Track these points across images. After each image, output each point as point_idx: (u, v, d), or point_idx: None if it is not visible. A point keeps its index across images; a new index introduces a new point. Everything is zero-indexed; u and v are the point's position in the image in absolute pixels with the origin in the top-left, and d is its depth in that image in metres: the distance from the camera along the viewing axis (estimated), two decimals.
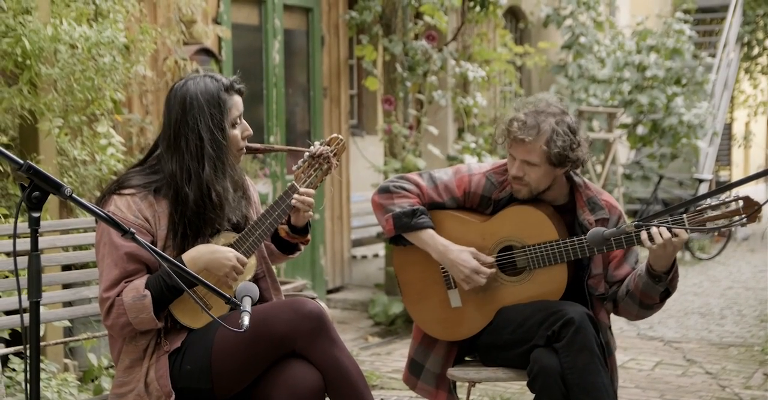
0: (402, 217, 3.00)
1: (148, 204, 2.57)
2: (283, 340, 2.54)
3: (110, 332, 2.62)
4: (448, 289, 3.09)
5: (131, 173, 2.64)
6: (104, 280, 2.54)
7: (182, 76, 5.06)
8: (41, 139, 4.09)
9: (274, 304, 2.67)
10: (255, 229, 2.65)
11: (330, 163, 2.68)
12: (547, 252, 2.95)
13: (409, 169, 6.29)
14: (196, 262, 2.55)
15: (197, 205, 2.56)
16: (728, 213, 2.73)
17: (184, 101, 2.58)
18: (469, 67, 7.10)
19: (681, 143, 10.33)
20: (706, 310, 7.08)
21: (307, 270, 6.66)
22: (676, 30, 10.53)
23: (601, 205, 3.04)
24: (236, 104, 2.64)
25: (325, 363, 2.56)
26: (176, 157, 2.58)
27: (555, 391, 2.81)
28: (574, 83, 9.98)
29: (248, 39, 6.24)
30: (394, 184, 3.07)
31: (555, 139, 2.88)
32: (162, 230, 2.58)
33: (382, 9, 6.66)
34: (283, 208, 2.65)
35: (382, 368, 5.16)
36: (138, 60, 4.37)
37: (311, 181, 2.68)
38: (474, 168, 3.10)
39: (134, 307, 2.50)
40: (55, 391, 3.64)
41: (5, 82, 4.05)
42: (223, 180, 2.60)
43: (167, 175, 2.58)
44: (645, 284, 2.89)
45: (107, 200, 2.58)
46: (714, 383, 4.88)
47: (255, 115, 6.21)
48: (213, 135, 2.57)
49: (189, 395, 2.59)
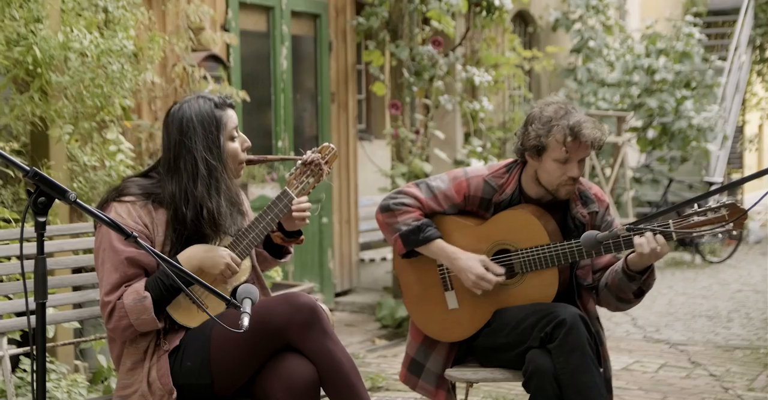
0: (409, 235, 3.09)
1: (146, 212, 2.67)
2: (278, 332, 2.62)
3: (112, 335, 2.69)
4: (445, 291, 3.17)
5: (131, 182, 2.73)
6: (105, 284, 2.62)
7: (191, 83, 5.19)
8: (52, 146, 4.18)
9: (270, 298, 2.75)
10: (248, 232, 2.74)
11: (321, 170, 2.77)
12: (538, 256, 3.02)
13: (416, 173, 6.36)
14: (190, 261, 2.64)
15: (193, 223, 2.66)
16: (714, 219, 2.77)
17: (181, 124, 2.68)
18: (475, 72, 7.15)
19: (691, 146, 10.35)
20: (714, 313, 7.10)
21: (315, 273, 6.73)
22: (685, 33, 10.56)
23: (593, 198, 3.13)
24: (231, 117, 2.74)
25: (318, 355, 2.63)
26: (176, 179, 2.68)
27: (549, 391, 2.87)
28: (583, 87, 10.02)
29: (256, 45, 6.32)
30: (393, 201, 3.14)
31: (597, 125, 3.01)
32: (159, 237, 2.67)
33: (389, 15, 6.73)
34: (276, 212, 2.74)
35: (388, 370, 5.22)
36: (146, 67, 4.45)
37: (303, 188, 2.77)
38: (470, 172, 3.16)
39: (135, 309, 2.57)
40: (65, 391, 3.73)
41: (17, 90, 4.14)
42: (216, 197, 2.68)
43: (167, 196, 2.68)
44: (620, 280, 2.97)
45: (107, 206, 2.67)
46: (717, 386, 4.91)
47: (263, 121, 6.29)
48: (208, 154, 2.67)
49: (190, 392, 2.66)
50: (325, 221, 6.86)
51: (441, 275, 3.17)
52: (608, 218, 3.13)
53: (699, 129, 10.13)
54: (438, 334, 3.18)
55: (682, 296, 7.84)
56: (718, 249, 10.56)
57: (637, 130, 10.48)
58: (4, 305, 2.84)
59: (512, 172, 3.12)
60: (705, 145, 10.31)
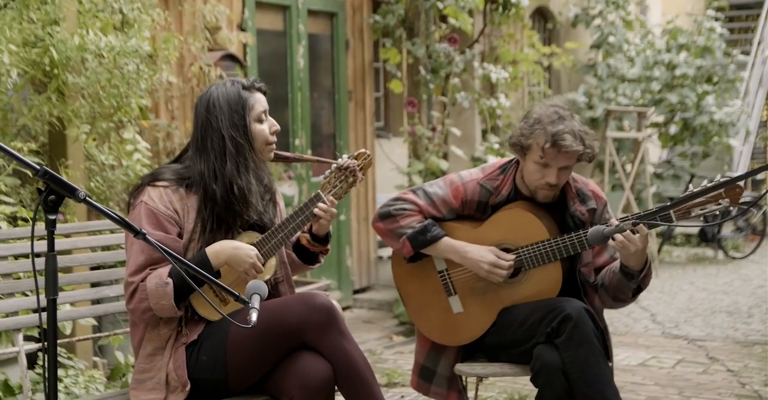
0: (417, 236, 3.10)
1: (179, 197, 2.73)
2: (294, 331, 2.66)
3: (132, 317, 2.76)
4: (448, 296, 3.19)
5: (165, 168, 2.81)
6: (130, 265, 2.68)
7: (207, 82, 5.24)
8: (69, 145, 4.25)
9: (287, 298, 2.79)
10: (277, 232, 2.77)
11: (356, 176, 2.78)
12: (539, 252, 3.03)
13: (433, 170, 6.38)
14: (218, 256, 2.68)
15: (224, 200, 2.71)
16: (711, 198, 2.79)
17: (208, 105, 2.76)
18: (491, 68, 7.16)
19: (713, 142, 10.28)
20: (734, 308, 7.06)
21: (333, 271, 6.77)
22: (707, 28, 10.48)
23: (590, 195, 3.13)
24: (259, 100, 2.79)
25: (334, 354, 2.67)
26: (203, 158, 2.74)
27: (557, 385, 2.89)
28: (603, 83, 9.98)
29: (273, 44, 6.37)
30: (393, 208, 3.15)
31: (584, 138, 2.99)
32: (189, 223, 2.72)
33: (405, 12, 6.75)
34: (306, 214, 2.77)
35: (405, 366, 5.24)
36: (161, 67, 4.51)
37: (336, 192, 2.79)
38: (465, 176, 3.17)
39: (156, 293, 2.63)
40: (83, 387, 3.79)
41: (35, 91, 4.21)
42: (246, 175, 2.74)
43: (196, 174, 2.74)
44: (618, 280, 2.98)
45: (141, 190, 2.74)
46: (734, 381, 4.89)
47: (280, 119, 6.25)
48: (234, 133, 2.73)
49: (204, 386, 2.71)
50: (343, 218, 6.90)
51: (443, 280, 3.19)
52: (606, 215, 3.13)
53: (721, 124, 10.05)
54: (446, 339, 3.20)
55: (703, 292, 7.80)
56: (741, 245, 10.47)
57: (659, 125, 10.43)
58: (20, 302, 2.90)
59: (507, 173, 3.13)
60: (727, 140, 10.23)
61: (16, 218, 3.85)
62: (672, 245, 10.66)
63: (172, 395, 2.71)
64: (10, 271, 2.93)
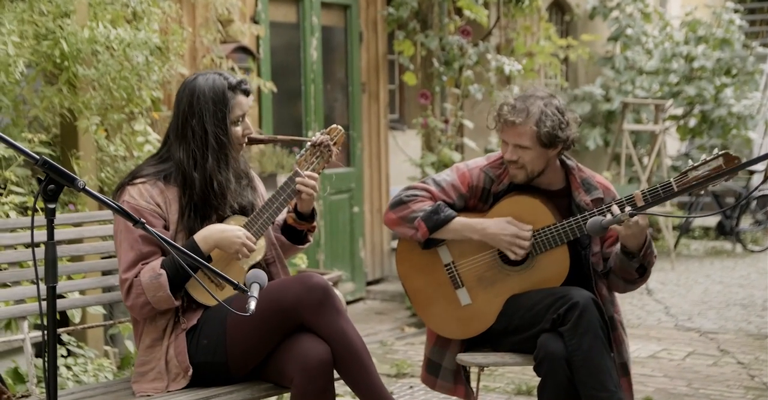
0: (431, 215, 3.09)
1: (158, 191, 2.76)
2: (291, 311, 2.69)
3: (132, 314, 2.80)
4: (456, 288, 3.19)
5: (142, 166, 2.84)
6: (122, 263, 2.72)
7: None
8: (80, 136, 4.29)
9: (284, 279, 2.84)
10: (263, 212, 2.82)
11: (330, 151, 2.85)
12: (546, 236, 3.05)
13: (445, 162, 6.38)
14: (207, 241, 2.72)
15: (202, 191, 2.75)
16: (711, 171, 2.83)
17: (192, 94, 2.76)
18: (505, 61, 7.15)
19: (731, 135, 10.20)
20: (749, 301, 7.02)
21: (347, 262, 6.80)
22: (726, 20, 10.39)
23: (596, 185, 3.14)
24: (240, 104, 2.81)
25: (331, 334, 2.70)
26: (183, 145, 2.77)
27: (560, 375, 2.90)
28: (620, 75, 9.93)
29: (286, 36, 6.39)
30: (404, 194, 3.17)
31: (544, 120, 2.98)
32: (173, 215, 2.76)
33: (419, 5, 6.76)
34: (288, 192, 2.82)
35: (415, 357, 5.27)
36: (170, 59, 4.54)
37: (313, 168, 2.86)
38: (470, 163, 3.21)
39: (151, 286, 2.66)
40: (92, 375, 3.84)
41: (46, 82, 4.26)
42: (225, 171, 2.78)
43: (176, 161, 2.77)
44: (621, 261, 3.00)
45: (122, 191, 2.77)
46: (744, 373, 4.88)
47: (293, 111, 6.36)
48: (216, 129, 2.75)
49: (206, 370, 2.75)
50: (357, 210, 6.92)
51: (449, 273, 3.19)
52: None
53: (739, 117, 9.98)
54: (456, 333, 3.20)
55: (719, 285, 7.76)
56: (760, 238, 10.41)
57: (677, 118, 10.37)
58: (25, 290, 2.95)
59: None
60: (746, 133, 10.15)
61: (27, 208, 3.90)
62: (690, 238, 10.60)
63: (173, 383, 2.75)
64: (18, 259, 2.98)
